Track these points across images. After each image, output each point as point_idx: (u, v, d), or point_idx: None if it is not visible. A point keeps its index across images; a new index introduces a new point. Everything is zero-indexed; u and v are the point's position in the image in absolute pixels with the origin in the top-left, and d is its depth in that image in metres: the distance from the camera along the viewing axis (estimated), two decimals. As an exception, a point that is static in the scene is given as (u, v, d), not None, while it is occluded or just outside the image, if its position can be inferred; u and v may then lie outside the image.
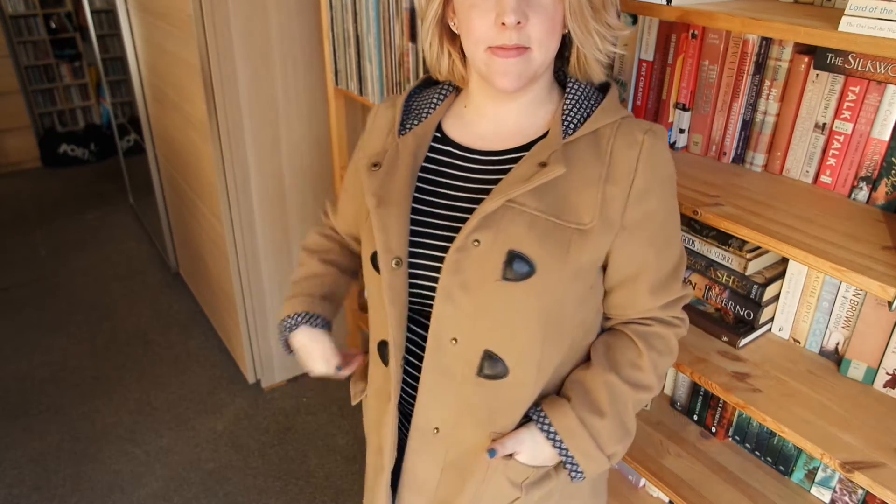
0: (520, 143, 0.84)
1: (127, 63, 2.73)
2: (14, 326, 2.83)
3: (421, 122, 0.90)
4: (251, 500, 1.98)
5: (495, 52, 0.76)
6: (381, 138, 0.92)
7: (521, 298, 0.79)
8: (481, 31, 0.75)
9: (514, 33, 0.74)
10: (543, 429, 0.84)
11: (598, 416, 0.84)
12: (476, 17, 0.75)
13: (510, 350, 0.82)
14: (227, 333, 2.56)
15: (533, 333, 0.81)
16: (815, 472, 1.17)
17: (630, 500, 1.46)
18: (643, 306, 0.87)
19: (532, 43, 0.75)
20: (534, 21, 0.74)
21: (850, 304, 1.03)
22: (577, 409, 0.84)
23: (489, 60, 0.77)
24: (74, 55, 4.61)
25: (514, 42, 0.74)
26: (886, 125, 0.96)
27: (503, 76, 0.77)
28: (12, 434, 2.22)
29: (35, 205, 4.01)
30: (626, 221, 0.80)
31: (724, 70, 1.13)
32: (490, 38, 0.75)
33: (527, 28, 0.74)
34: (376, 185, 0.85)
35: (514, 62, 0.76)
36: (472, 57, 0.80)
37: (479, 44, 0.77)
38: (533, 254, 0.77)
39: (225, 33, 1.87)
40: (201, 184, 2.29)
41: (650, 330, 0.88)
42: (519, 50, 0.75)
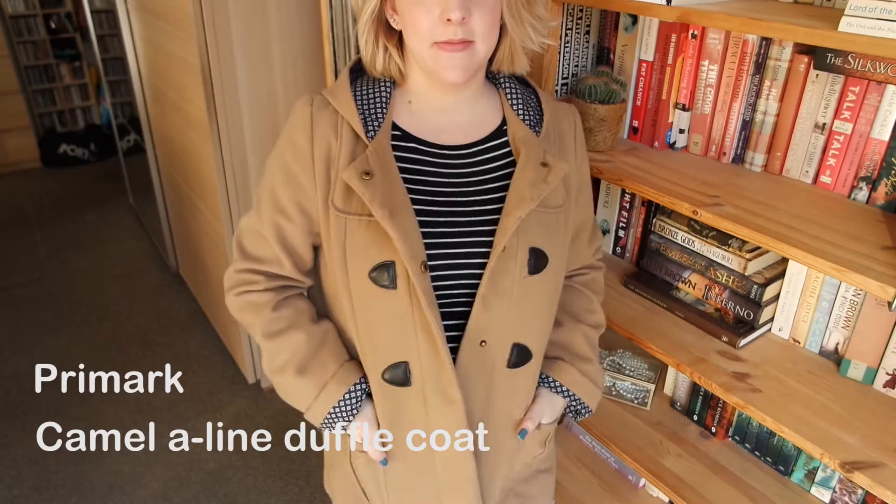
0: (480, 135, 0.88)
1: (127, 63, 2.73)
2: (14, 326, 2.83)
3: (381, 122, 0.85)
4: (251, 500, 1.98)
5: (441, 48, 0.78)
6: (329, 144, 0.84)
7: (540, 288, 0.88)
8: (426, 27, 0.77)
9: (459, 28, 0.77)
10: (558, 390, 0.97)
11: (588, 362, 0.99)
12: (420, 13, 0.77)
13: (534, 337, 0.90)
14: (227, 333, 2.56)
15: (548, 315, 0.93)
16: (815, 472, 1.17)
17: (630, 500, 1.46)
18: (584, 257, 1.03)
19: (476, 36, 0.78)
20: (476, 16, 0.77)
21: (849, 304, 1.03)
22: (573, 363, 0.98)
23: (436, 55, 0.79)
24: (74, 55, 4.61)
25: (460, 37, 0.77)
26: (886, 125, 0.96)
27: (450, 70, 0.79)
28: (12, 434, 2.22)
29: (35, 205, 4.01)
30: (576, 190, 0.94)
31: (724, 70, 1.13)
32: (436, 34, 0.78)
33: (470, 23, 0.77)
34: (379, 194, 0.80)
35: (460, 56, 0.79)
36: (417, 52, 0.81)
37: (424, 40, 0.78)
38: (544, 245, 0.86)
39: (225, 33, 1.87)
40: (201, 184, 2.29)
41: (589, 277, 1.05)
42: (464, 44, 0.78)
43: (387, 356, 0.86)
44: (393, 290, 0.81)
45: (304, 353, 0.88)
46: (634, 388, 1.41)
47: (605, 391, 1.43)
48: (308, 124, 0.84)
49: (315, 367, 0.88)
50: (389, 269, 0.81)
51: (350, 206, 0.82)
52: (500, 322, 0.85)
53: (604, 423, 1.36)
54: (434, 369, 0.84)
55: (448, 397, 0.85)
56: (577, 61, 1.36)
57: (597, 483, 1.50)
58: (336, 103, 0.85)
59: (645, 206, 1.33)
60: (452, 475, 0.90)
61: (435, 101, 0.88)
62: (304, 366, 0.88)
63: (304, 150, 0.84)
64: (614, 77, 1.25)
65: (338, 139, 0.83)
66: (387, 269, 0.81)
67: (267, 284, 0.90)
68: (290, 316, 0.90)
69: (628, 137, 1.32)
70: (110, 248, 3.49)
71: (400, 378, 0.86)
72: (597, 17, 1.33)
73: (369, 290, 0.83)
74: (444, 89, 0.86)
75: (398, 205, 0.81)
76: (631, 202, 1.36)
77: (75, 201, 4.05)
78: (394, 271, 0.81)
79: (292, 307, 0.91)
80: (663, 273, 1.28)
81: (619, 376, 1.41)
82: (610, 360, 1.46)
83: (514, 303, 0.85)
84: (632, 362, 1.45)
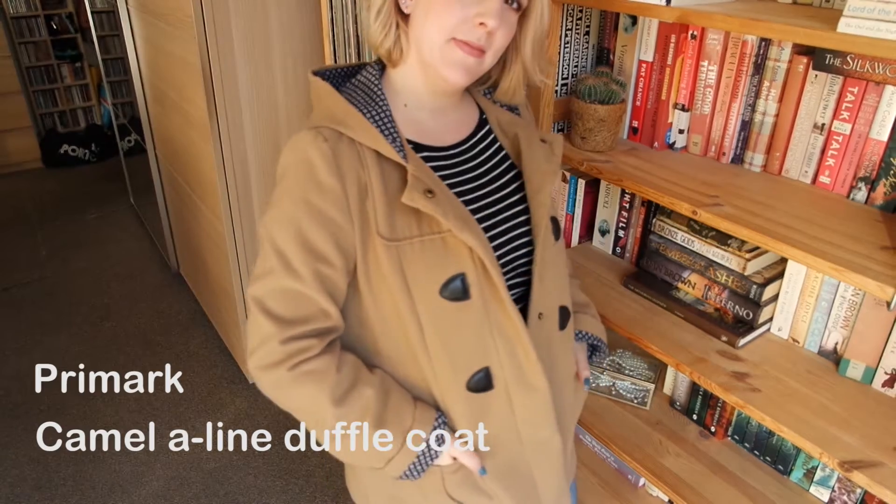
0: (468, 130, 0.91)
1: (128, 63, 2.73)
2: (14, 326, 2.83)
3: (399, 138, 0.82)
4: (251, 500, 1.98)
5: (460, 45, 0.78)
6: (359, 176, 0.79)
7: (562, 250, 0.96)
8: (453, 22, 0.77)
9: (484, 35, 0.78)
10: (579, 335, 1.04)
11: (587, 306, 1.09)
12: (452, 6, 0.77)
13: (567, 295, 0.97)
14: (228, 333, 2.56)
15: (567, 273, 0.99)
16: (814, 472, 1.17)
17: (630, 499, 1.46)
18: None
19: (490, 48, 0.80)
20: (500, 31, 0.79)
21: (848, 303, 1.04)
22: (580, 311, 1.06)
23: (450, 51, 0.79)
24: (75, 56, 4.61)
25: (481, 43, 0.78)
26: (885, 125, 0.96)
27: (458, 69, 0.80)
28: (13, 433, 2.22)
29: (36, 205, 4.01)
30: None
31: (724, 71, 1.13)
32: (460, 31, 0.78)
33: (494, 35, 0.79)
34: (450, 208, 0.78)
35: (473, 60, 0.80)
36: (429, 42, 0.79)
37: (444, 32, 0.78)
38: (555, 212, 0.92)
39: (225, 33, 1.87)
40: (202, 184, 2.29)
41: None
42: (480, 51, 0.79)
43: (468, 367, 0.84)
44: (468, 301, 0.81)
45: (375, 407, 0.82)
46: (634, 387, 1.41)
47: (605, 391, 1.43)
48: (331, 161, 0.77)
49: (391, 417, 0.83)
50: (461, 280, 0.80)
51: (398, 232, 0.79)
52: (549, 291, 0.90)
53: (604, 422, 1.36)
54: (514, 364, 0.85)
55: (531, 386, 0.86)
56: (576, 61, 1.36)
57: (597, 483, 1.51)
58: (353, 133, 0.79)
59: (645, 206, 1.34)
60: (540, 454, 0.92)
61: (428, 103, 0.88)
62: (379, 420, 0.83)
63: (335, 188, 0.77)
64: (614, 77, 1.25)
65: (365, 169, 0.78)
66: (457, 281, 0.80)
67: (322, 346, 0.81)
68: (351, 373, 0.83)
69: (628, 138, 1.32)
70: (111, 248, 3.49)
71: (483, 384, 0.85)
72: (597, 18, 1.34)
73: (442, 307, 0.80)
74: (437, 89, 0.86)
75: (463, 213, 0.81)
76: (631, 202, 1.36)
77: (76, 201, 4.05)
78: (465, 282, 0.80)
79: (349, 362, 0.84)
80: (663, 273, 1.28)
81: (619, 376, 1.42)
82: (610, 359, 1.46)
83: (554, 269, 0.91)
84: (631, 362, 1.45)
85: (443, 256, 0.80)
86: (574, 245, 1.49)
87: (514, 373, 0.85)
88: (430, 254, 0.80)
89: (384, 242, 0.78)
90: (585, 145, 1.25)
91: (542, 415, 0.89)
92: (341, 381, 0.82)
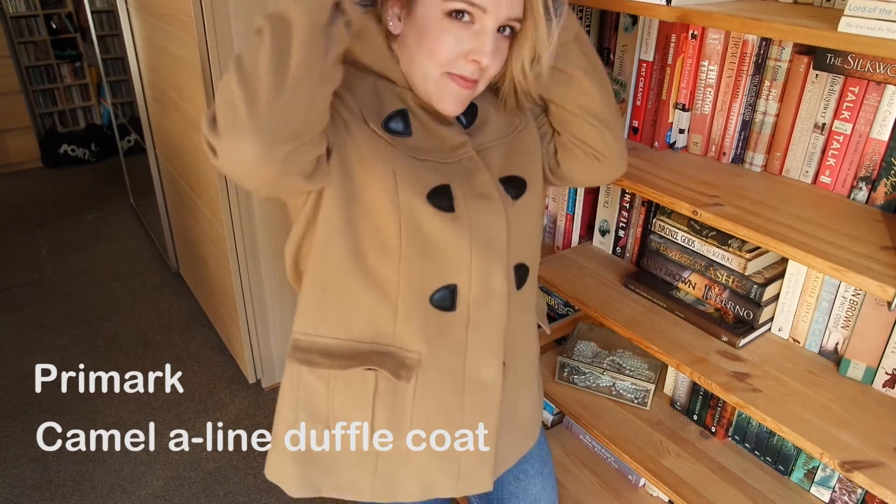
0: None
1: (127, 63, 2.73)
2: (14, 326, 2.83)
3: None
4: (251, 500, 1.98)
5: (454, 79, 0.80)
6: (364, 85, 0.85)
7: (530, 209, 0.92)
8: (447, 56, 0.78)
9: (478, 70, 0.80)
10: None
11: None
12: (447, 42, 0.77)
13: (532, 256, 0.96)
14: (227, 333, 2.56)
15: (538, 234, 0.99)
16: (815, 472, 1.17)
17: (630, 500, 1.46)
18: None
19: (483, 78, 0.82)
20: (493, 65, 0.80)
21: (849, 304, 1.04)
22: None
23: (444, 84, 0.81)
24: (75, 55, 4.61)
25: (475, 76, 0.80)
26: (885, 125, 0.96)
27: (452, 102, 0.82)
28: (13, 434, 2.22)
29: (36, 205, 4.01)
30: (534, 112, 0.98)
31: (724, 70, 1.13)
32: (454, 66, 0.79)
33: (487, 69, 0.80)
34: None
35: (466, 93, 0.82)
36: (422, 72, 0.81)
37: (438, 66, 0.79)
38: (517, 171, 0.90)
39: (225, 33, 1.87)
40: (201, 184, 2.29)
41: None
42: (475, 81, 0.81)
43: (436, 279, 0.85)
44: (452, 214, 0.83)
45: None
46: (634, 387, 1.41)
47: (606, 391, 1.43)
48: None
49: None
50: (446, 191, 0.83)
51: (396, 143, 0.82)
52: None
53: (604, 423, 1.36)
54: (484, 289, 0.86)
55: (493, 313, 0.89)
56: (577, 61, 1.36)
57: (597, 483, 1.51)
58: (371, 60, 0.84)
59: (645, 206, 1.33)
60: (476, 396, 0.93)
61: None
62: None
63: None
64: (614, 77, 1.25)
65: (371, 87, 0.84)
66: (442, 192, 0.82)
67: None
68: None
69: (628, 137, 1.32)
70: (111, 248, 3.49)
71: (447, 302, 0.86)
72: (597, 18, 1.33)
73: (424, 212, 0.81)
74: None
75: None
76: (631, 202, 1.36)
77: (76, 201, 4.05)
78: (450, 193, 0.83)
79: None
80: (663, 273, 1.28)
81: (619, 376, 1.42)
82: (610, 360, 1.46)
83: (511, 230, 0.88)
84: (632, 362, 1.45)
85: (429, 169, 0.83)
86: (574, 245, 1.49)
87: (480, 297, 0.87)
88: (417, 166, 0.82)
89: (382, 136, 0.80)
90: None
91: (492, 349, 0.90)
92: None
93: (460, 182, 0.85)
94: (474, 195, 0.85)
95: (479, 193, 0.86)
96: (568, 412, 1.40)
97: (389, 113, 0.83)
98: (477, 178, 0.86)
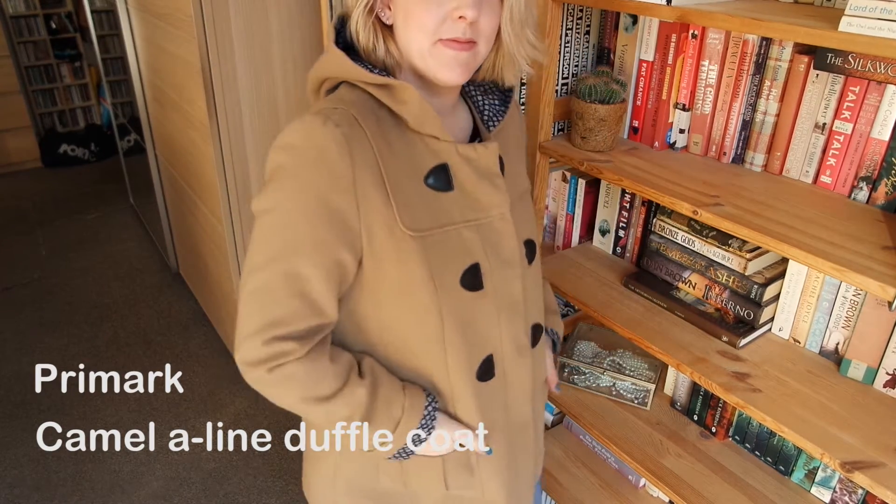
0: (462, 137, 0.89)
1: (127, 63, 2.73)
2: (14, 326, 2.83)
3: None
4: (251, 500, 1.98)
5: (447, 45, 0.76)
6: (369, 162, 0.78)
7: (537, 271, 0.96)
8: (433, 23, 0.75)
9: (468, 27, 0.75)
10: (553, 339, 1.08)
11: (555, 313, 1.10)
12: (429, 8, 0.75)
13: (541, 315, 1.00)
14: (228, 333, 2.56)
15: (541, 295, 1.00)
16: (815, 472, 1.17)
17: (630, 500, 1.46)
18: None
19: (480, 37, 0.77)
20: (484, 18, 0.76)
21: (850, 304, 1.03)
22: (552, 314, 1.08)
23: (439, 53, 0.77)
24: (75, 55, 4.61)
25: (468, 36, 0.76)
26: (886, 125, 0.96)
27: (452, 68, 0.77)
28: (13, 434, 2.22)
29: (35, 205, 4.01)
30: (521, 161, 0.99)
31: (724, 70, 1.13)
32: (442, 31, 0.76)
33: (478, 24, 0.76)
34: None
35: (464, 55, 0.77)
36: (416, 49, 0.78)
37: (428, 35, 0.76)
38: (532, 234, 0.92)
39: (225, 33, 1.87)
40: (201, 184, 2.29)
41: None
42: (470, 43, 0.77)
43: (478, 355, 0.86)
44: (482, 291, 0.83)
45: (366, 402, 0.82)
46: (634, 388, 1.41)
47: (606, 391, 1.43)
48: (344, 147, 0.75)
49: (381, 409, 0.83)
50: (475, 270, 0.82)
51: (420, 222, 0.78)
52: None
53: (604, 422, 1.36)
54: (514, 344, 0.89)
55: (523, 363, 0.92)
56: (577, 61, 1.36)
57: (597, 483, 1.50)
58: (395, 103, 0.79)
59: (645, 206, 1.33)
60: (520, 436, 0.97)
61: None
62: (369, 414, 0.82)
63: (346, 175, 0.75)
64: (614, 77, 1.25)
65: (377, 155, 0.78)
66: (474, 271, 0.82)
67: (305, 349, 0.79)
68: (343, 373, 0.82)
69: (628, 137, 1.32)
70: (110, 248, 3.49)
71: (488, 371, 0.88)
72: (597, 17, 1.33)
73: (461, 297, 0.82)
74: (434, 92, 0.84)
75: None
76: (631, 202, 1.36)
77: (76, 201, 4.05)
78: (479, 272, 0.83)
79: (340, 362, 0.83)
80: (663, 273, 1.28)
81: (619, 376, 1.41)
82: (610, 360, 1.46)
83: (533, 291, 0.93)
84: (632, 362, 1.45)
85: (460, 247, 0.81)
86: (574, 245, 1.49)
87: (511, 352, 0.89)
88: (450, 245, 0.81)
89: (409, 234, 0.77)
90: (586, 145, 1.25)
91: (526, 393, 0.94)
92: (329, 382, 0.80)
93: (488, 250, 0.84)
94: (500, 262, 0.85)
95: (504, 259, 0.86)
96: (568, 412, 1.40)
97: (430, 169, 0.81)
98: (505, 243, 0.86)
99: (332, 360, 0.81)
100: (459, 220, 0.82)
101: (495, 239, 0.85)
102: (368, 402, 0.81)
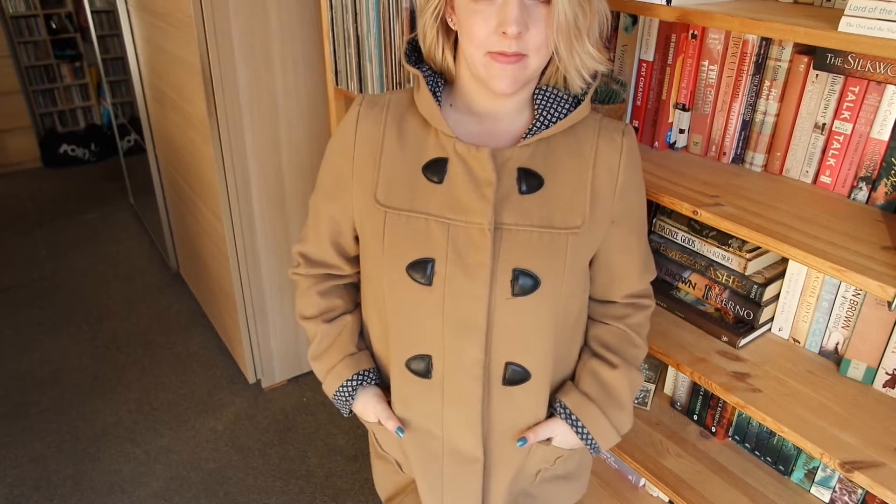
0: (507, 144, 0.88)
1: (127, 63, 2.73)
2: (14, 326, 2.83)
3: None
4: (251, 500, 1.98)
5: (495, 58, 0.79)
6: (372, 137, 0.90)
7: (533, 308, 0.87)
8: (482, 36, 0.78)
9: (514, 41, 0.77)
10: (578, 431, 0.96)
11: (620, 409, 0.97)
12: (477, 22, 0.77)
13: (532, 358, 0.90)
14: (227, 333, 2.56)
15: (547, 337, 0.90)
16: (815, 472, 1.17)
17: (630, 500, 1.46)
18: (631, 287, 0.99)
19: (529, 50, 0.79)
20: (532, 31, 0.77)
21: (849, 304, 1.04)
22: (606, 412, 0.95)
23: (488, 64, 0.80)
24: (75, 55, 4.61)
25: (514, 50, 0.77)
26: (886, 125, 0.96)
27: (501, 80, 0.80)
28: (13, 434, 2.22)
29: (35, 205, 4.01)
30: (614, 216, 0.90)
31: (724, 70, 1.13)
32: (491, 44, 0.78)
33: (526, 37, 0.77)
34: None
35: (511, 68, 0.79)
36: (470, 58, 0.82)
37: (479, 47, 0.79)
38: (534, 267, 0.85)
39: (225, 33, 1.87)
40: (201, 184, 2.29)
41: (637, 320, 1.00)
42: (518, 57, 0.78)
43: (412, 347, 0.91)
44: (428, 288, 0.85)
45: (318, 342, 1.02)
46: (634, 388, 1.41)
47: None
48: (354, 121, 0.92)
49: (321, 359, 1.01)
50: (427, 266, 0.84)
51: (392, 200, 0.86)
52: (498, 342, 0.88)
53: (604, 422, 1.36)
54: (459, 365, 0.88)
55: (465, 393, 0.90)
56: (577, 61, 1.36)
57: (597, 483, 1.50)
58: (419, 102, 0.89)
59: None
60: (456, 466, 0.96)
61: (477, 107, 0.88)
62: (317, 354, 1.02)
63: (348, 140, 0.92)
64: (614, 77, 1.25)
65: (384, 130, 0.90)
66: (424, 266, 0.84)
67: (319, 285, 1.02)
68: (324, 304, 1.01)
69: (628, 137, 1.32)
70: (110, 248, 3.49)
71: (423, 370, 0.91)
72: (597, 18, 1.33)
73: (404, 283, 0.87)
74: (491, 97, 0.87)
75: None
76: (631, 202, 1.36)
77: (76, 201, 4.05)
78: (432, 269, 0.84)
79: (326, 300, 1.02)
80: (663, 273, 1.28)
81: (619, 376, 1.41)
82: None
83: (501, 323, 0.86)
84: (632, 362, 1.45)
85: (422, 236, 0.84)
86: (574, 245, 1.49)
87: (456, 367, 0.89)
88: (412, 230, 0.85)
89: (377, 205, 0.87)
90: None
91: (468, 427, 0.92)
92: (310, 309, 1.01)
93: (451, 254, 0.83)
94: (461, 271, 0.84)
95: (467, 272, 0.84)
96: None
97: (431, 159, 0.86)
98: (473, 258, 0.83)
99: (321, 294, 1.01)
100: (434, 213, 0.84)
101: (464, 248, 0.83)
102: (316, 346, 1.01)
